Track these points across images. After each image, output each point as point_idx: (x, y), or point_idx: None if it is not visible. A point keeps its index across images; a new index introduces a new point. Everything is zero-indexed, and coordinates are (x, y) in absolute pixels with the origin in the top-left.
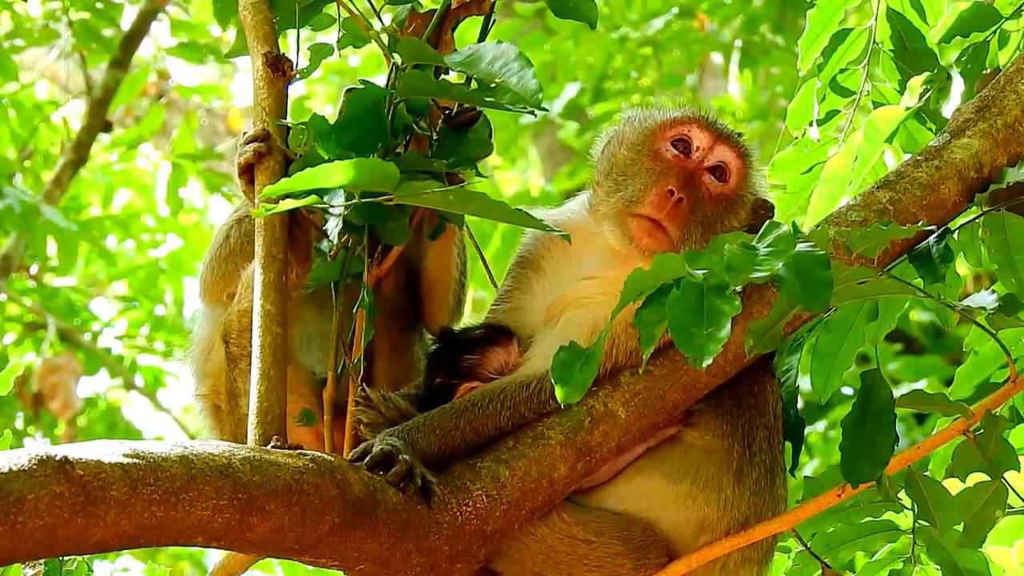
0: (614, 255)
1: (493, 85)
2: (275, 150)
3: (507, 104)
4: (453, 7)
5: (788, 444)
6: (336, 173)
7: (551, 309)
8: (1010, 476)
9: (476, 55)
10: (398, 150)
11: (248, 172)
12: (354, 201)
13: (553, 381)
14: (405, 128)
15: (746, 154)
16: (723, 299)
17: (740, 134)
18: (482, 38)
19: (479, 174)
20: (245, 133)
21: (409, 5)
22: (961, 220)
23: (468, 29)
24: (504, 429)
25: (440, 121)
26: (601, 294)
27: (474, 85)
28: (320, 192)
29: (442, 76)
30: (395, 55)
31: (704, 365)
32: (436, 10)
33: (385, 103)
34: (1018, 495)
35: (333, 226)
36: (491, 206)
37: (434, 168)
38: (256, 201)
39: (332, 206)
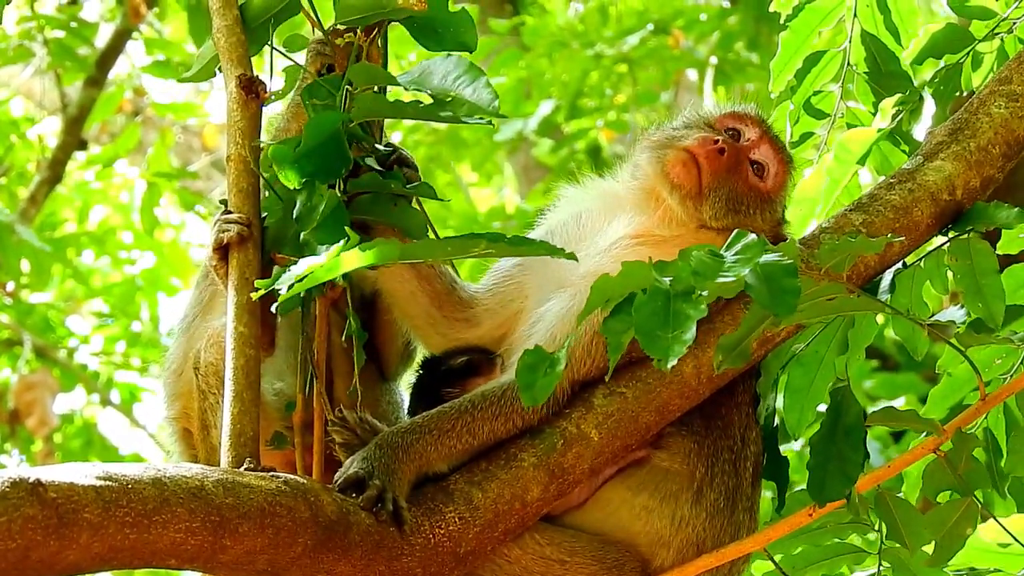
0: (620, 207)
1: (448, 99)
2: (255, 238)
3: (464, 116)
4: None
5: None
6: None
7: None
8: None
9: (427, 72)
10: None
11: (223, 249)
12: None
13: (518, 385)
14: (358, 145)
15: (789, 161)
16: (689, 303)
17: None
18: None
19: (436, 197)
20: (226, 213)
21: None
22: (926, 249)
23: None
24: (498, 433)
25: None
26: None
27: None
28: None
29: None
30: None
31: (669, 366)
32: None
33: (343, 129)
34: (998, 520)
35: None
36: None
37: (391, 190)
38: (228, 284)
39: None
